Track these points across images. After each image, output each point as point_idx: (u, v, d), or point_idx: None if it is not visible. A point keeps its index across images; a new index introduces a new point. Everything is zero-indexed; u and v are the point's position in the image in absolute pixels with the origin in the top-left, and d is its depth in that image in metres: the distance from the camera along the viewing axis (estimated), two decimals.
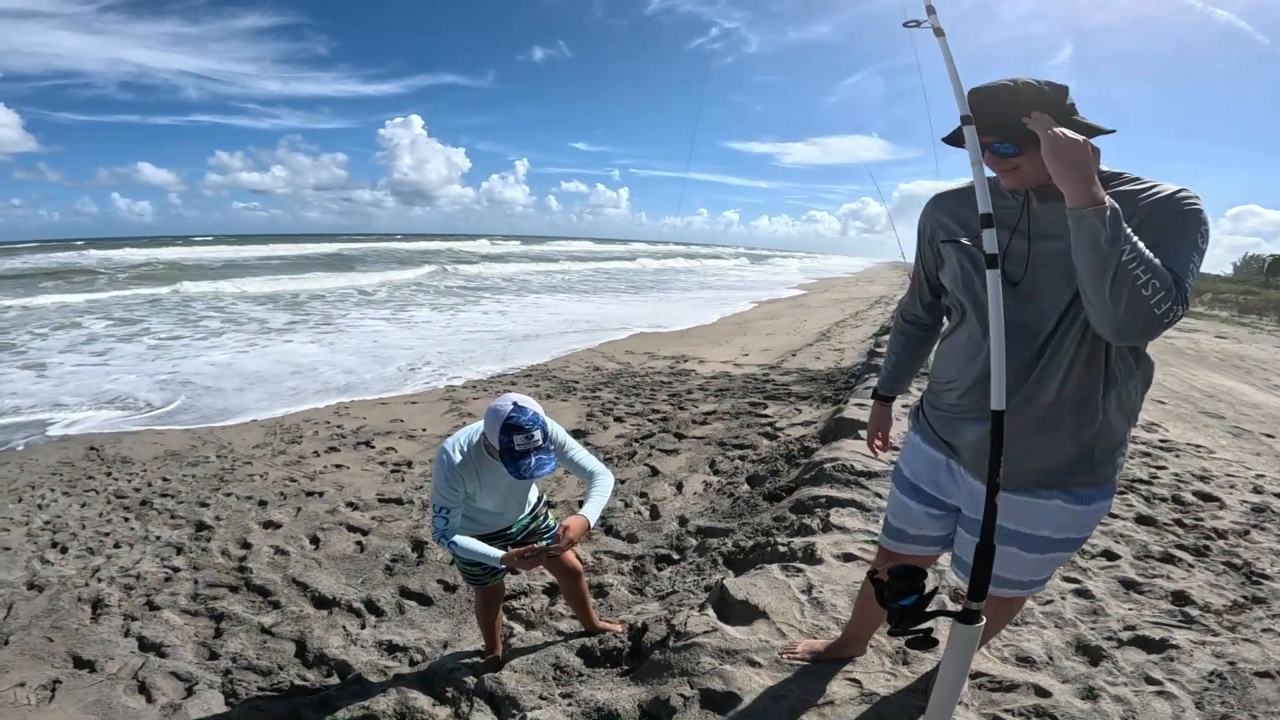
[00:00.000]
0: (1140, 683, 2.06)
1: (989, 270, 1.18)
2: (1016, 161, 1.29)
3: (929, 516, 1.68)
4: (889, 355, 1.89)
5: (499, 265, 39.25)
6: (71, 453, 6.33)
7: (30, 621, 3.17)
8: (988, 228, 1.19)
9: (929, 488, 1.65)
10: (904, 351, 1.85)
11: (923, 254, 1.62)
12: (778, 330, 13.79)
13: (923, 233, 1.59)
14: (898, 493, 1.75)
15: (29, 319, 15.81)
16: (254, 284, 23.61)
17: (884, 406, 1.97)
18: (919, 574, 1.26)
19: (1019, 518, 1.48)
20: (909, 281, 1.82)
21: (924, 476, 1.66)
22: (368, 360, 10.55)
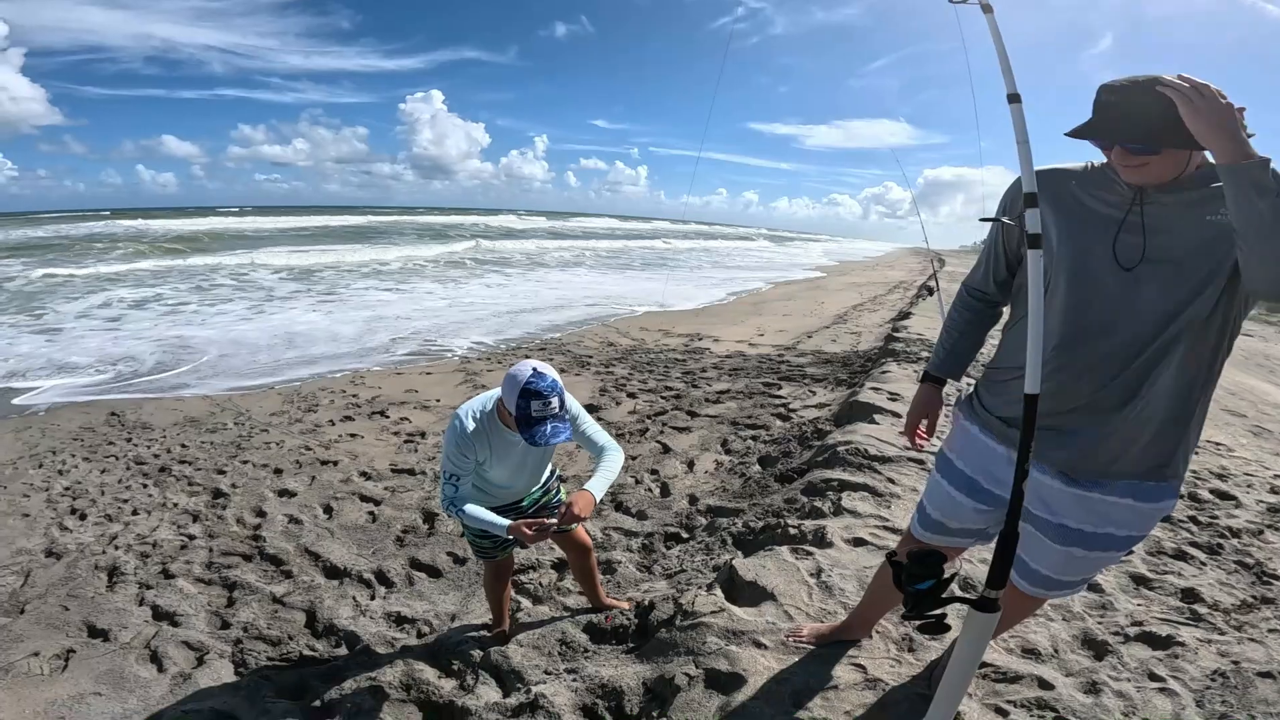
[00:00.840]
0: (1143, 679, 2.05)
1: (1030, 250, 1.17)
2: (1148, 159, 1.25)
3: (976, 511, 1.61)
4: (948, 332, 1.75)
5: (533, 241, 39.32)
6: (93, 418, 6.44)
7: (47, 590, 3.22)
8: (1031, 207, 1.17)
9: (986, 482, 1.57)
10: (968, 329, 1.72)
11: (1007, 227, 1.55)
12: (794, 311, 13.66)
13: (1014, 203, 1.48)
14: (946, 486, 1.67)
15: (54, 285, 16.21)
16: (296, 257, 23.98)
17: (934, 389, 1.80)
18: (939, 558, 1.24)
19: (1084, 515, 1.44)
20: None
21: (981, 470, 1.58)
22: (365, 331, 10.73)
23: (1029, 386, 1.16)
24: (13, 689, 2.49)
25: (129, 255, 24.16)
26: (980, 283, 1.68)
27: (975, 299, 1.70)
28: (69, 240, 32.70)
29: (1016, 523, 1.19)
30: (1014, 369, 1.48)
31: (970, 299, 1.71)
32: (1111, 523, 1.43)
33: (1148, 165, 1.25)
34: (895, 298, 16.33)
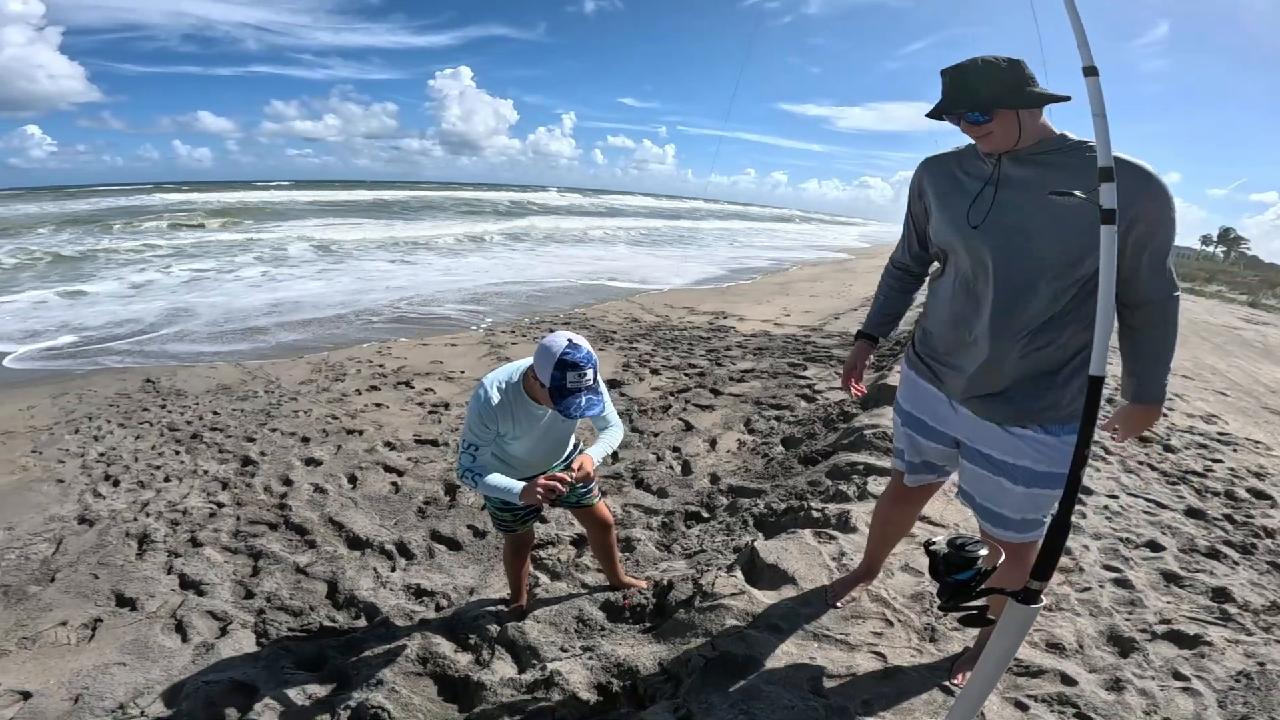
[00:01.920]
0: (1167, 677, 2.01)
1: (1104, 226, 1.15)
2: (989, 128, 1.46)
3: (932, 448, 1.82)
4: (877, 298, 2.06)
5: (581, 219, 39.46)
6: (129, 384, 6.60)
7: (78, 558, 3.29)
8: (1107, 181, 1.16)
9: (932, 420, 1.79)
10: (892, 295, 2.02)
11: (913, 209, 1.80)
12: (821, 293, 13.44)
13: (913, 189, 1.78)
14: (903, 428, 1.90)
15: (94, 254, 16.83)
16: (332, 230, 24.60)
17: (865, 344, 2.07)
18: (977, 547, 1.20)
19: (1005, 447, 1.62)
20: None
21: (925, 409, 1.81)
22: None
23: (1094, 369, 1.13)
24: (39, 658, 2.54)
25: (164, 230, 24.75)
26: (899, 257, 1.95)
27: (897, 269, 1.98)
28: (108, 212, 33.65)
29: (1070, 511, 1.16)
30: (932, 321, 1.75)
31: (893, 269, 1.99)
32: (1028, 456, 1.59)
33: (991, 133, 1.47)
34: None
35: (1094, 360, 1.12)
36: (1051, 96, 1.43)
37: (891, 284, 2.01)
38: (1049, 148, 1.47)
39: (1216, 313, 14.69)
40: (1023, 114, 1.44)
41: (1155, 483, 3.58)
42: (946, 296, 1.67)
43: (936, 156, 1.72)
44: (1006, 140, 1.47)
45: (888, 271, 2.02)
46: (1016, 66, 1.42)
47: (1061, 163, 1.45)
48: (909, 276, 1.98)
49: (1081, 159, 1.44)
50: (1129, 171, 1.36)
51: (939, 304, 1.71)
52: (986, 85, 1.42)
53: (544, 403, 2.01)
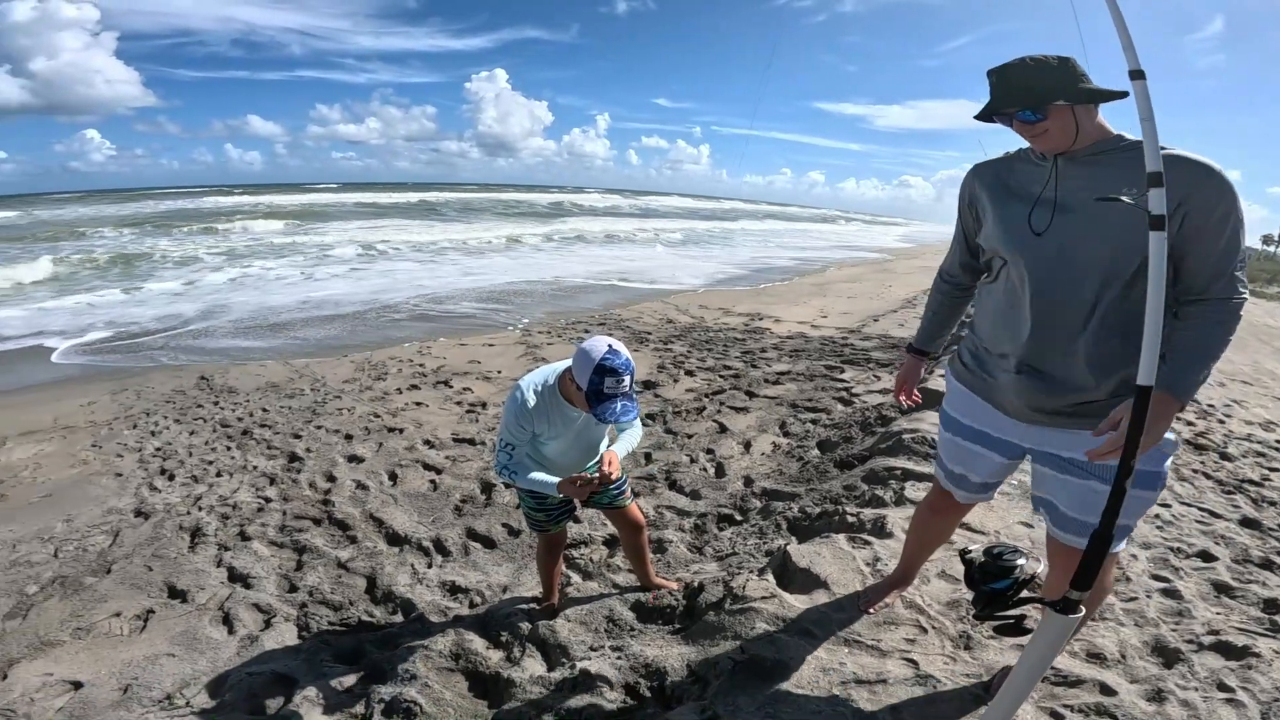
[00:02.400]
0: (1211, 688, 1.93)
1: (1153, 232, 1.12)
2: (1044, 126, 1.40)
3: (996, 461, 1.73)
4: (926, 312, 2.01)
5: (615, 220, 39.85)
6: (185, 381, 6.89)
7: (133, 550, 3.44)
8: (1156, 186, 1.12)
9: (995, 431, 1.70)
10: (940, 309, 1.96)
11: (963, 219, 1.75)
12: (859, 294, 13.22)
13: (963, 198, 1.73)
14: (959, 440, 1.80)
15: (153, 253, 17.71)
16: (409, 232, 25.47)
17: (916, 359, 2.05)
18: (1015, 556, 1.19)
19: (1060, 443, 1.55)
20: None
21: (983, 420, 1.72)
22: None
23: (1142, 379, 1.10)
24: (92, 648, 2.66)
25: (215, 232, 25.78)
26: (949, 268, 1.89)
27: (945, 282, 1.93)
28: (166, 215, 35.34)
29: (1112, 523, 1.14)
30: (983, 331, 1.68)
31: (942, 282, 1.94)
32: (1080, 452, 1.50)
33: (1046, 131, 1.41)
34: None
35: (1142, 368, 1.09)
36: (1108, 93, 1.37)
37: (941, 297, 1.95)
38: (1107, 148, 1.42)
39: (1278, 315, 13.99)
40: (1079, 112, 1.39)
41: (1210, 491, 3.43)
42: (1002, 305, 1.59)
43: (986, 163, 1.66)
44: (1063, 139, 1.41)
45: (937, 284, 1.96)
46: (1068, 64, 1.38)
47: (1120, 162, 1.40)
48: (959, 289, 1.91)
49: (1136, 159, 1.36)
50: (1187, 167, 1.31)
51: (993, 313, 1.64)
52: (1038, 82, 1.37)
53: (579, 406, 2.04)
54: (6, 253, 19.31)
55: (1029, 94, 1.38)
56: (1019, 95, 1.39)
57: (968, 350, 1.77)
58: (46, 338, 9.13)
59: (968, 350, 1.77)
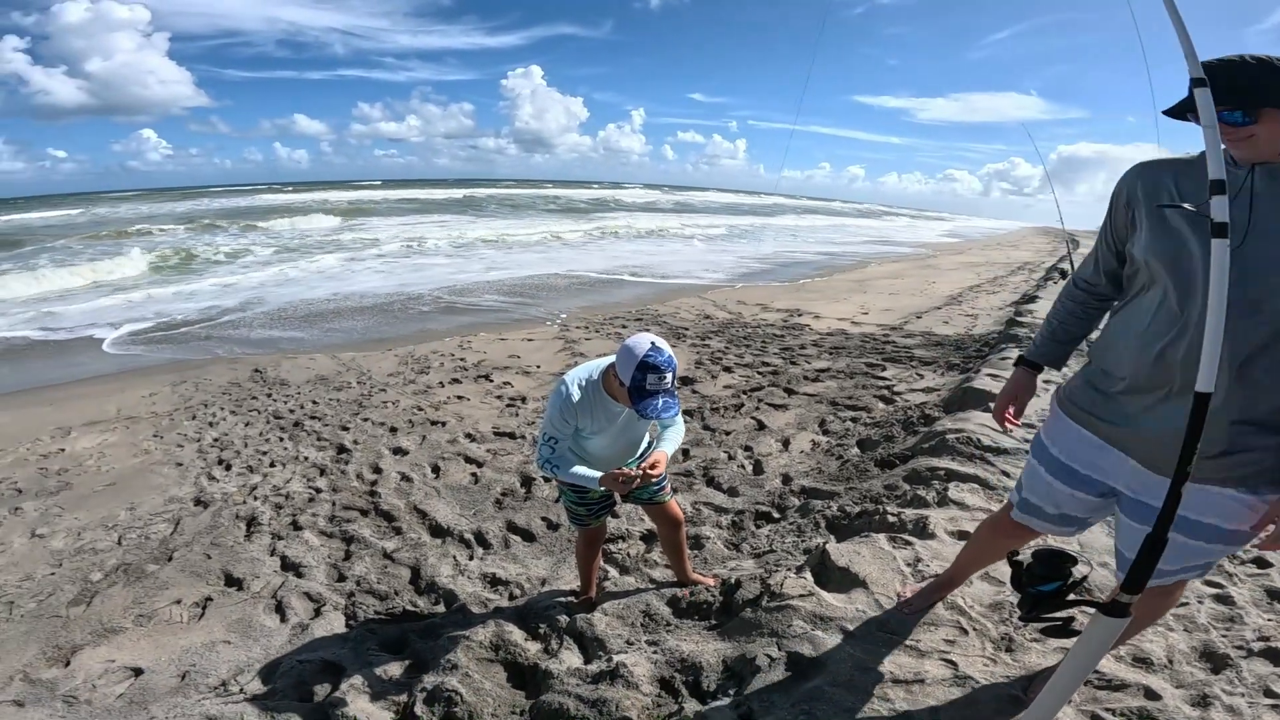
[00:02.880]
0: (1258, 694, 1.85)
1: (1215, 240, 1.06)
2: (1251, 130, 1.25)
3: (1074, 498, 1.59)
4: (1050, 320, 1.78)
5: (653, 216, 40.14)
6: (240, 374, 7.16)
7: (193, 538, 3.60)
8: (1219, 194, 1.06)
9: (1085, 469, 1.55)
10: (1070, 319, 1.74)
11: (1115, 219, 1.54)
12: (901, 290, 12.94)
13: (1119, 196, 1.52)
14: (1041, 470, 1.66)
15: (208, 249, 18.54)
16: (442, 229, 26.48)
17: (1029, 374, 1.82)
18: (1066, 559, 1.17)
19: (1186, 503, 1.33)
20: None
21: (1079, 457, 1.56)
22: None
23: (1202, 385, 1.05)
24: (153, 635, 2.79)
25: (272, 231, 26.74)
26: (1090, 274, 1.67)
27: (1081, 289, 1.71)
28: (221, 211, 36.94)
29: (1167, 527, 1.11)
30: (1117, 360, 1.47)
31: (1075, 289, 1.72)
32: (1216, 514, 1.37)
33: (1253, 136, 1.25)
34: (1019, 279, 15.07)
35: (1201, 376, 1.05)
36: None
37: (1072, 306, 1.73)
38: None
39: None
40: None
41: None
42: (1150, 330, 1.39)
43: (1158, 162, 1.48)
44: (1270, 148, 1.26)
45: (1068, 292, 1.74)
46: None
47: None
48: (1095, 299, 1.69)
49: None
50: None
51: (1135, 338, 1.43)
52: (1256, 82, 1.23)
53: (622, 401, 2.07)
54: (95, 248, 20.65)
55: (1242, 93, 1.24)
56: (1229, 93, 1.24)
57: (1084, 380, 1.58)
58: (97, 329, 9.89)
59: (1084, 380, 1.58)
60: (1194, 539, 1.40)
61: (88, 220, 34.40)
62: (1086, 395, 1.55)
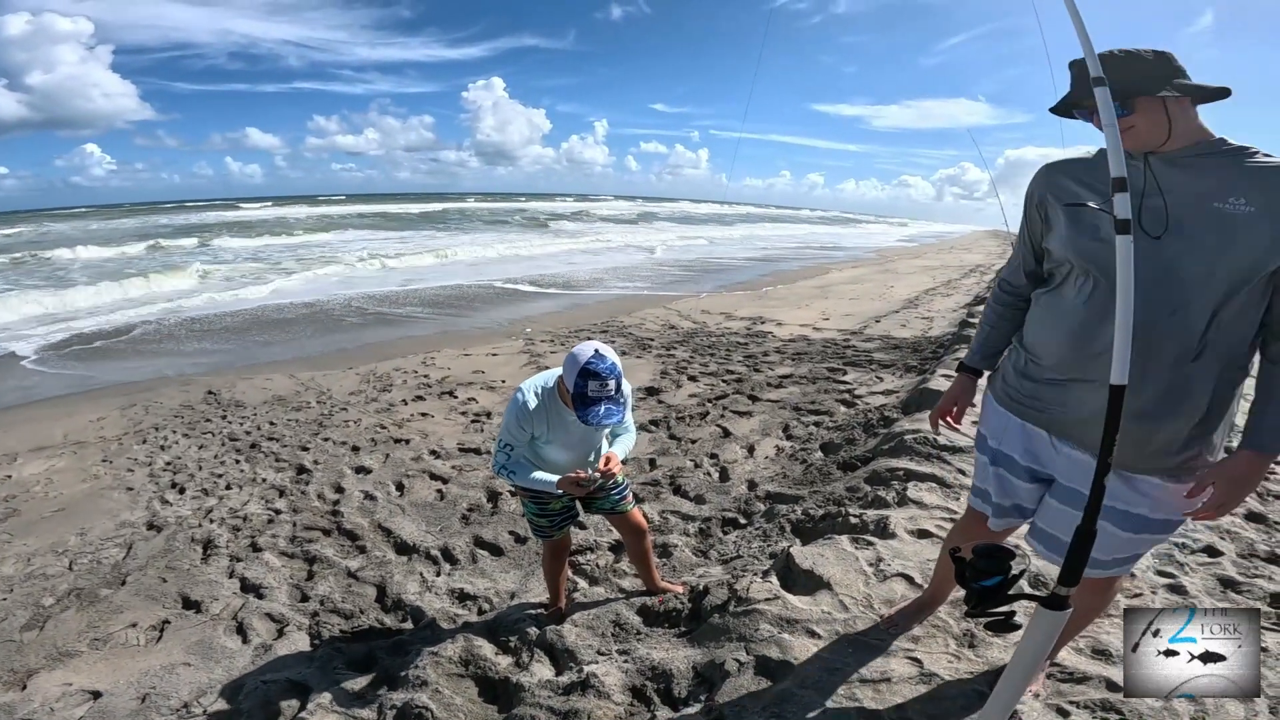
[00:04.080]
0: None
1: (1120, 236, 1.10)
2: (1130, 121, 1.30)
3: (1023, 488, 1.65)
4: (983, 326, 1.82)
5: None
6: (192, 395, 6.95)
7: (147, 562, 3.49)
8: (1120, 191, 1.11)
9: (1023, 458, 1.61)
10: (1000, 322, 1.77)
11: (1030, 221, 1.59)
12: (861, 295, 13.24)
13: (1031, 198, 1.57)
14: (986, 462, 1.73)
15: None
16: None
17: (969, 379, 1.87)
18: (1005, 555, 1.21)
19: (1115, 493, 1.43)
20: (1010, 251, 1.77)
21: (1016, 446, 1.62)
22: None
23: (1115, 377, 1.10)
24: (110, 658, 2.71)
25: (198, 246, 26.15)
26: (1012, 276, 1.73)
27: (1007, 293, 1.74)
28: (172, 227, 35.82)
29: (1095, 519, 1.14)
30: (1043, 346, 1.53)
31: (1002, 293, 1.76)
32: (1145, 504, 1.43)
33: (1133, 126, 1.30)
34: (970, 282, 15.55)
35: (1115, 369, 1.10)
36: (1204, 89, 1.28)
37: (1001, 310, 1.76)
38: (1208, 150, 1.30)
39: None
40: (1172, 108, 1.28)
41: None
42: (1082, 320, 1.43)
43: (1062, 161, 1.52)
44: (1152, 136, 1.31)
45: (996, 296, 1.77)
46: (1164, 58, 1.29)
47: (1224, 166, 1.28)
48: (1022, 300, 1.71)
49: (1241, 166, 1.27)
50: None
51: (1065, 327, 1.47)
52: (1125, 75, 1.26)
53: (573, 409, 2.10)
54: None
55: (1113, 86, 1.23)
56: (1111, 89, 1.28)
57: (1014, 369, 1.63)
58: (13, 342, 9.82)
59: (1014, 369, 1.63)
60: (1124, 529, 1.46)
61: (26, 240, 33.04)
62: (1017, 384, 1.60)
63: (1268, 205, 1.22)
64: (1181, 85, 1.26)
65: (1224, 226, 1.25)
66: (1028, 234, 1.62)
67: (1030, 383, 1.56)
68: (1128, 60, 1.28)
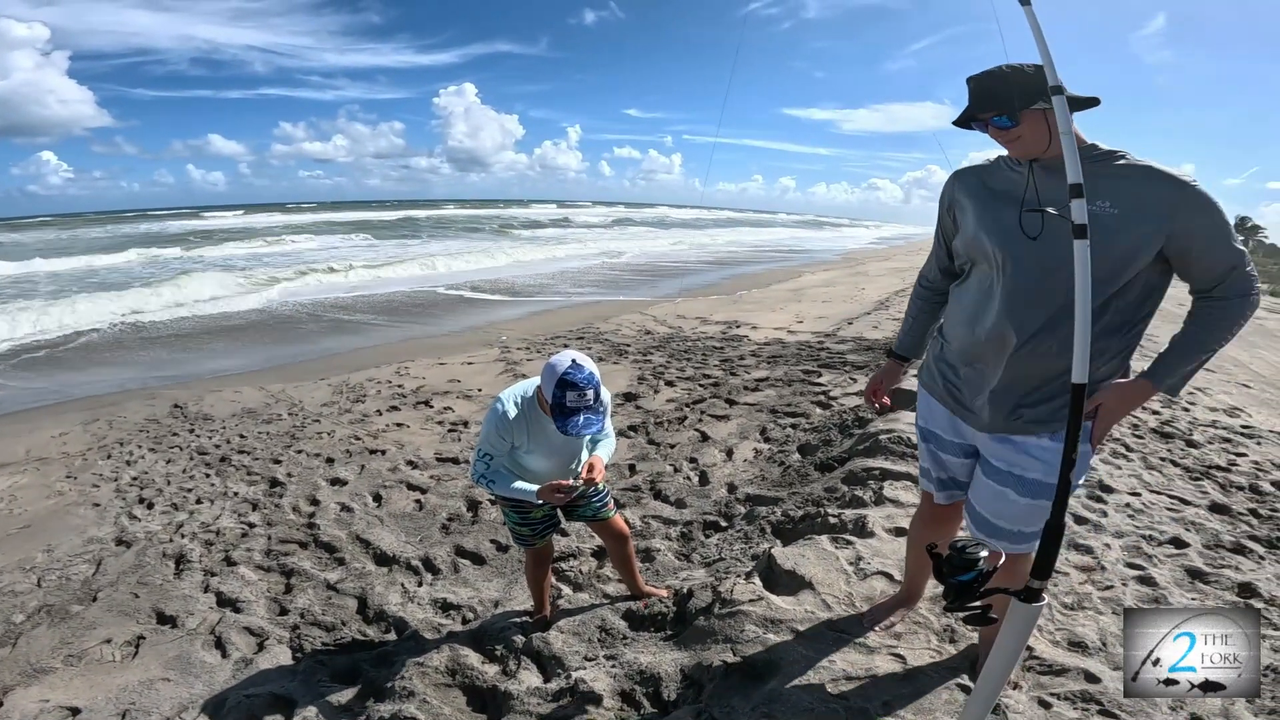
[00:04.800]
0: None
1: (1077, 240, 1.18)
2: (1018, 132, 1.44)
3: (955, 462, 1.80)
4: (906, 318, 2.02)
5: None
6: (158, 409, 6.77)
7: (118, 578, 3.40)
8: (1077, 198, 1.18)
9: (949, 435, 1.77)
10: (920, 315, 1.96)
11: (943, 222, 1.78)
12: (834, 298, 13.43)
13: (943, 202, 1.75)
14: (922, 443, 1.91)
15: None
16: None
17: (894, 363, 2.05)
18: (980, 548, 1.25)
19: (1012, 459, 1.61)
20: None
21: (942, 425, 1.79)
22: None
23: (1077, 376, 1.16)
24: (86, 674, 2.65)
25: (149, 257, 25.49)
26: (929, 273, 1.91)
27: (925, 287, 1.93)
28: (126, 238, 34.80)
29: (1063, 514, 1.19)
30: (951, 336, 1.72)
31: (921, 288, 1.95)
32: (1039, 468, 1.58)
33: (1020, 138, 1.44)
34: None
35: (1075, 368, 1.15)
36: (1078, 99, 1.40)
37: (921, 303, 1.95)
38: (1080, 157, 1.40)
39: None
40: (1052, 119, 1.37)
41: (1178, 479, 3.56)
42: (971, 309, 1.62)
43: (968, 168, 1.69)
44: (1036, 145, 1.45)
45: (917, 291, 1.96)
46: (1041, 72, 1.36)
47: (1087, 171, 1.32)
48: (937, 295, 1.90)
49: (1109, 169, 1.41)
50: (1164, 182, 1.35)
51: (962, 314, 1.66)
52: (1012, 89, 1.39)
53: None
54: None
55: (1003, 100, 1.41)
56: (993, 101, 1.42)
57: (932, 356, 1.81)
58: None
59: (932, 356, 1.81)
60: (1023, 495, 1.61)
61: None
62: (934, 371, 1.79)
63: (1131, 206, 1.36)
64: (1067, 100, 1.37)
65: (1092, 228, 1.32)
66: (941, 234, 1.80)
67: (943, 366, 1.75)
68: (1014, 75, 1.40)
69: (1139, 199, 1.36)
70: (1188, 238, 1.37)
